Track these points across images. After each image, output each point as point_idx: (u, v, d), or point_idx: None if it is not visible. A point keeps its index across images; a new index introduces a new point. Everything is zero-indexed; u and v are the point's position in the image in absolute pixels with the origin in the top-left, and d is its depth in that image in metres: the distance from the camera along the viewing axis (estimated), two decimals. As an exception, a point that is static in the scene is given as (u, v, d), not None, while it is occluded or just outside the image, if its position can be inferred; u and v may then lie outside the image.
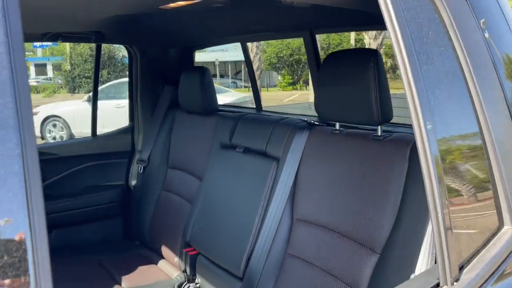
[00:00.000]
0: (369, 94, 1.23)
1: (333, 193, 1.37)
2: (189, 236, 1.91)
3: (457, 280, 0.74)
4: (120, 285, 1.90)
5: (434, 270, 0.78)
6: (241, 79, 20.88)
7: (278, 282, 1.47)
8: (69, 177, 2.34)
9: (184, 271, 1.95)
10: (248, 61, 2.55)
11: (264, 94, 11.70)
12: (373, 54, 1.25)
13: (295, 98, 14.88)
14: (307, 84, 18.10)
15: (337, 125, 1.45)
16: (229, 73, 24.52)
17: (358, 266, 1.24)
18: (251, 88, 2.65)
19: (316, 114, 1.89)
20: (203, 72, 2.06)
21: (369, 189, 1.26)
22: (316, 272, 1.35)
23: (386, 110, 1.25)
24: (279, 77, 20.45)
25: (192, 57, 2.56)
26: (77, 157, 2.36)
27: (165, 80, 2.46)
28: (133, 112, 2.51)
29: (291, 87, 19.36)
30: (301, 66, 19.40)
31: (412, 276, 1.06)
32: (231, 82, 20.96)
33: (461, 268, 0.77)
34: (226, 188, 1.79)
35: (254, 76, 2.50)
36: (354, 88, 1.28)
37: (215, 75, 21.34)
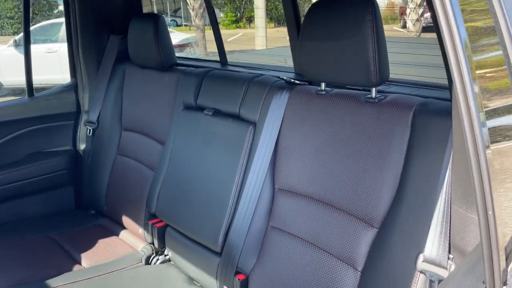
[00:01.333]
0: (366, 51, 1.08)
1: (320, 161, 1.24)
2: (155, 207, 1.74)
3: (505, 283, 0.65)
4: (80, 264, 1.73)
5: (474, 270, 0.68)
6: (181, 17, 19.80)
7: (262, 257, 1.36)
8: (7, 144, 2.04)
9: (152, 243, 1.80)
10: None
11: (208, 33, 11.12)
12: (370, 1, 1.08)
13: (240, 38, 14.37)
14: (251, 21, 17.50)
15: (323, 85, 1.29)
16: (168, 10, 23.20)
17: (354, 241, 1.15)
18: (193, 28, 2.37)
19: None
20: (157, 20, 1.79)
21: (364, 158, 1.14)
22: (306, 247, 1.25)
23: (384, 69, 1.11)
24: (222, 15, 19.61)
25: (140, 1, 2.23)
26: (13, 122, 2.05)
27: (110, 29, 2.15)
28: (75, 67, 2.18)
29: (234, 25, 18.64)
30: (243, 2, 18.61)
31: (421, 256, 0.98)
32: (171, 20, 19.86)
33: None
34: (195, 154, 1.61)
35: (215, 18, 2.21)
36: (348, 44, 1.12)
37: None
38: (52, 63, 6.94)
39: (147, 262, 1.77)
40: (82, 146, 2.19)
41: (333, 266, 1.18)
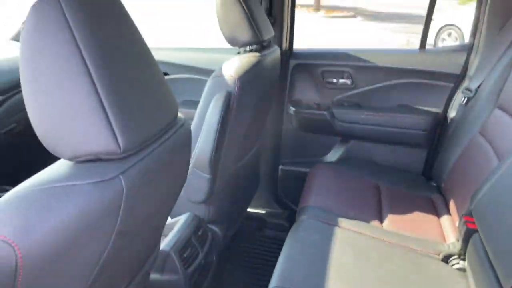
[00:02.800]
0: None
1: None
2: (473, 205, 1.40)
3: None
4: (381, 221, 1.67)
5: None
6: None
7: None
8: (384, 89, 2.13)
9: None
10: None
11: None
12: None
13: None
14: None
15: None
16: None
17: None
18: None
19: None
20: None
21: None
22: None
23: None
24: None
25: None
26: (398, 70, 2.09)
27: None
28: (476, 25, 1.92)
29: None
30: None
31: None
32: None
33: None
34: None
35: None
36: None
37: None
38: None
39: (445, 258, 1.50)
40: (452, 113, 1.99)
41: None
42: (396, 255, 1.45)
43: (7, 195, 0.60)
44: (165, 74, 2.26)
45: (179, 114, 0.90)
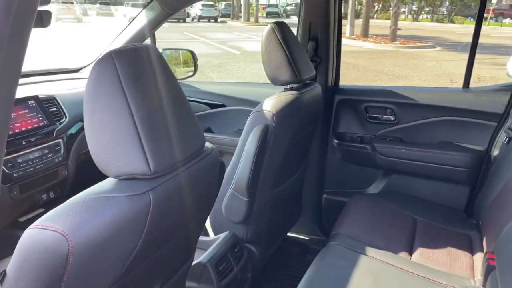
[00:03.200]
0: None
1: None
2: (496, 242, 1.43)
3: None
4: (410, 253, 1.73)
5: None
6: None
7: None
8: (428, 125, 2.19)
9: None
10: None
11: None
12: None
13: None
14: None
15: None
16: None
17: None
18: None
19: None
20: None
21: None
22: None
23: None
24: None
25: None
26: (441, 108, 2.15)
27: None
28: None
29: None
30: None
31: None
32: None
33: None
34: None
35: None
36: None
37: None
38: None
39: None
40: (495, 152, 2.00)
41: None
42: (418, 286, 1.51)
43: (68, 201, 0.83)
44: (222, 105, 2.52)
45: (208, 144, 1.10)
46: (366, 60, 11.83)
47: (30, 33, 0.61)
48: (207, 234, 1.85)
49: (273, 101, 1.66)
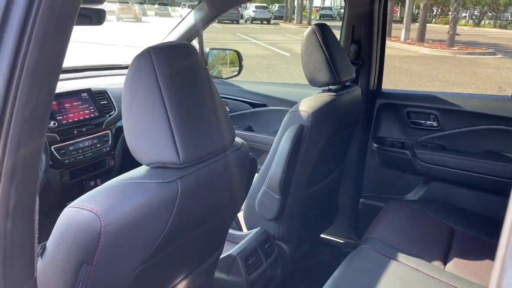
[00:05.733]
0: None
1: None
2: None
3: None
4: (445, 263, 1.69)
5: None
6: None
7: None
8: (474, 133, 2.12)
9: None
10: None
11: None
12: None
13: None
14: None
15: None
16: None
17: None
18: None
19: None
20: None
21: None
22: None
23: None
24: None
25: None
26: (488, 116, 2.08)
27: None
28: None
29: None
30: None
31: None
32: None
33: None
34: None
35: None
36: None
37: None
38: None
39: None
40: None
41: None
42: (449, 296, 1.48)
43: (103, 185, 0.91)
44: (264, 105, 2.56)
45: (238, 140, 1.15)
46: (421, 65, 11.48)
47: (72, 31, 0.69)
48: (240, 229, 1.90)
49: (309, 102, 1.68)
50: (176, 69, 0.94)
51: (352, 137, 2.12)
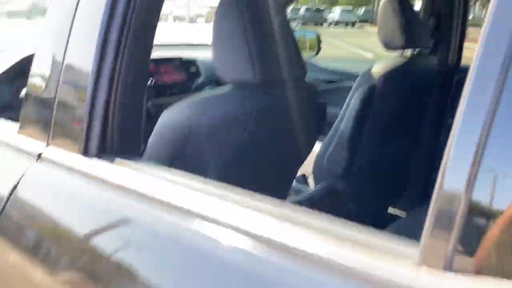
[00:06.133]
0: None
1: None
2: None
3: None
4: None
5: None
6: None
7: None
8: None
9: None
10: None
11: None
12: None
13: None
14: None
15: None
16: None
17: None
18: None
19: None
20: None
21: None
22: None
23: None
24: None
25: None
26: None
27: None
28: None
29: None
30: None
31: None
32: None
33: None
34: None
35: None
36: None
37: None
38: None
39: None
40: None
41: None
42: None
43: (193, 96, 1.09)
44: (332, 81, 2.65)
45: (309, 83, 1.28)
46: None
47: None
48: (307, 184, 2.02)
49: (382, 64, 1.76)
50: (261, 6, 1.10)
51: (426, 111, 2.13)
